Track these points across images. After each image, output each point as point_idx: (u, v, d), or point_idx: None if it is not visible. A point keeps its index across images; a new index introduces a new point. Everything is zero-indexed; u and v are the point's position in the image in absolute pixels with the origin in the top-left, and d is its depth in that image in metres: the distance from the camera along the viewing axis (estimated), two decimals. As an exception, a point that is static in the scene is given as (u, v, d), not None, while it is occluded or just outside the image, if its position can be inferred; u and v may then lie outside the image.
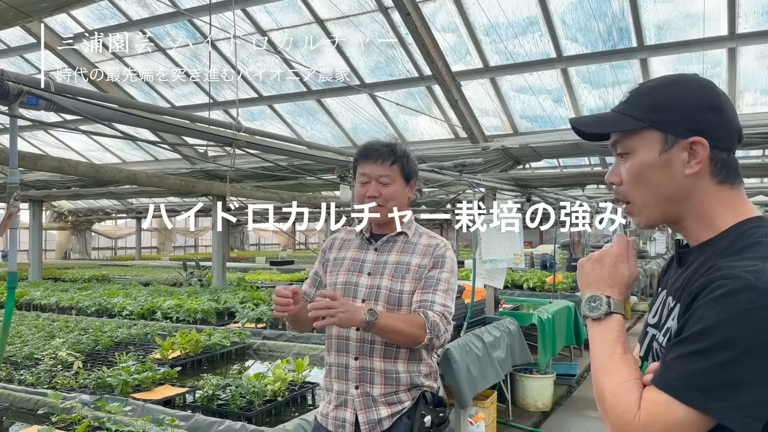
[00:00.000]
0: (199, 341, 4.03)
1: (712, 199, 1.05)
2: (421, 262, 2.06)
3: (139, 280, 9.87)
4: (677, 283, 1.09)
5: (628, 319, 11.01)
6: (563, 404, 5.96)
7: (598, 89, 6.43)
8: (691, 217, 1.08)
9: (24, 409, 2.87)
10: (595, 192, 11.01)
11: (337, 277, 2.10)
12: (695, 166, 1.03)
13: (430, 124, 7.52)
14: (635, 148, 1.08)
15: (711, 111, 1.03)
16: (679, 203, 1.07)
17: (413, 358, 2.04)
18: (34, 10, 3.64)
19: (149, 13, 6.82)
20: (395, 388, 2.00)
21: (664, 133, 1.05)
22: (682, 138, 1.03)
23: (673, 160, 1.04)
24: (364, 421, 1.98)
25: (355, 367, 2.01)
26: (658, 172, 1.06)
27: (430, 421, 1.97)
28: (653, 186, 1.07)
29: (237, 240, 24.27)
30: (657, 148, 1.05)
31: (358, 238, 2.17)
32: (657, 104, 1.06)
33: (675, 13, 5.40)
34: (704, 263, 1.01)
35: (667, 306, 1.10)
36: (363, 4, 5.97)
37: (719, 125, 1.03)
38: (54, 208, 16.45)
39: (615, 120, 1.10)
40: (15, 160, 1.98)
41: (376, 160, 2.06)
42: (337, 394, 2.04)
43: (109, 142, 9.67)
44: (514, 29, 5.85)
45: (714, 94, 1.05)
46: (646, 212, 1.11)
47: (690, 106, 1.04)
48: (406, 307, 2.02)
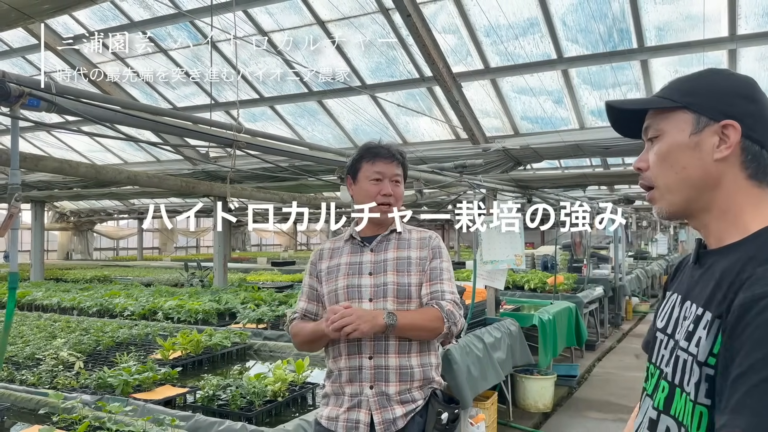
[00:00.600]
0: (200, 342, 4.04)
1: (738, 193, 1.01)
2: (420, 255, 2.09)
3: (140, 281, 9.89)
4: (697, 288, 1.03)
5: (630, 321, 11.00)
6: (564, 405, 5.95)
7: (599, 90, 6.44)
8: (714, 212, 1.04)
9: (25, 409, 2.89)
10: (597, 193, 11.01)
11: (337, 282, 2.08)
12: (725, 150, 1.00)
13: (431, 125, 7.53)
14: (666, 129, 1.06)
15: (746, 99, 1.02)
16: (703, 190, 1.03)
17: (424, 350, 2.06)
18: (37, 11, 3.65)
19: (151, 15, 6.84)
20: (409, 385, 2.01)
21: (697, 115, 1.03)
22: (714, 121, 1.01)
23: (703, 142, 1.02)
24: (379, 420, 1.96)
25: (370, 366, 2.00)
26: (686, 154, 1.03)
27: (447, 418, 1.98)
28: (680, 167, 1.04)
29: (238, 241, 24.32)
30: (688, 129, 1.03)
31: (348, 244, 2.16)
32: (693, 88, 1.06)
33: (675, 14, 5.41)
34: (731, 269, 0.95)
35: (684, 310, 1.04)
36: (364, 5, 5.98)
37: (753, 114, 1.01)
38: (56, 208, 16.48)
39: (650, 100, 1.11)
40: (16, 161, 1.99)
41: (391, 159, 2.09)
42: (350, 397, 2.02)
43: (110, 143, 9.70)
44: (515, 30, 5.85)
45: (751, 86, 1.04)
46: (669, 197, 1.07)
47: (726, 91, 1.03)
48: (416, 300, 2.03)
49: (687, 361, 0.98)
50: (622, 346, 8.91)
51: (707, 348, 0.93)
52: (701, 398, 0.93)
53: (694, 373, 0.95)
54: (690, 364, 0.97)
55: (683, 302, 1.06)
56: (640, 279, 12.05)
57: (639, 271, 12.18)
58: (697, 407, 0.94)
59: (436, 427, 1.97)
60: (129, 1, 6.72)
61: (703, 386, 0.93)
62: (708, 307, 0.96)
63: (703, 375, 0.93)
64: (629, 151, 5.91)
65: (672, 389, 1.01)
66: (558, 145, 6.33)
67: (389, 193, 2.08)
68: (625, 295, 10.68)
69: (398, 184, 2.12)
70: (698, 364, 0.94)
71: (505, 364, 4.88)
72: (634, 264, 13.17)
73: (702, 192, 1.03)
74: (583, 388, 6.53)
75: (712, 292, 0.97)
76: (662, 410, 1.03)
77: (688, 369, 0.97)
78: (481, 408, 4.62)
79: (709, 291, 0.98)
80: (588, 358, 7.74)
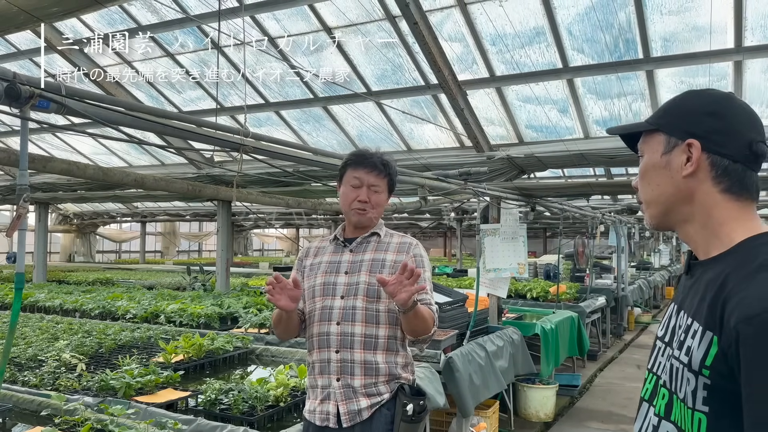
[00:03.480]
0: (202, 345, 4.04)
1: (715, 207, 1.06)
2: (396, 258, 2.20)
3: (143, 284, 9.89)
4: (688, 298, 1.08)
5: (632, 331, 10.96)
6: (565, 415, 5.93)
7: (604, 100, 6.44)
8: (694, 224, 1.09)
9: (27, 411, 2.89)
10: (600, 203, 11.01)
11: (316, 279, 2.23)
12: (689, 167, 1.06)
13: (436, 132, 7.53)
14: (645, 150, 1.15)
15: (712, 116, 1.07)
16: (678, 205, 1.10)
17: (391, 349, 2.17)
18: (45, 14, 3.67)
19: (158, 19, 6.88)
20: (375, 379, 2.12)
21: (668, 136, 1.11)
22: (681, 140, 1.08)
23: (672, 161, 1.09)
24: (344, 411, 2.09)
25: (337, 359, 2.12)
26: (659, 172, 1.11)
27: (412, 409, 2.09)
28: (655, 185, 1.13)
29: (240, 245, 24.34)
30: (660, 149, 1.11)
31: (332, 244, 2.31)
32: (667, 110, 1.15)
33: (681, 25, 5.41)
34: (714, 281, 1.00)
35: (679, 319, 1.09)
36: (370, 12, 6.01)
37: (719, 131, 1.06)
38: (59, 210, 16.53)
39: (631, 125, 1.21)
40: (25, 162, 2.00)
41: (372, 168, 2.22)
42: (321, 389, 2.15)
43: (115, 146, 9.73)
44: (521, 39, 5.87)
45: (720, 102, 1.09)
46: (649, 211, 1.16)
47: (694, 110, 1.10)
48: (384, 300, 2.13)
49: (679, 369, 1.02)
50: (624, 356, 8.88)
51: (699, 358, 0.97)
52: (699, 405, 0.98)
53: (688, 381, 1.00)
54: (681, 372, 1.01)
55: (678, 312, 1.11)
56: (643, 289, 12.02)
57: (641, 281, 12.15)
58: (696, 414, 0.98)
59: (403, 419, 2.09)
60: (137, 5, 6.76)
61: (700, 394, 0.97)
62: (696, 317, 1.01)
63: (699, 383, 0.98)
64: (634, 161, 5.87)
65: (671, 396, 1.06)
66: (562, 154, 6.33)
67: (365, 200, 2.20)
68: (628, 306, 10.65)
69: (376, 193, 2.23)
70: (693, 373, 0.99)
71: (507, 372, 4.87)
72: (637, 274, 13.14)
73: (677, 206, 1.10)
74: (585, 398, 6.51)
75: (699, 304, 1.02)
76: (663, 416, 1.08)
77: (680, 377, 1.02)
78: (483, 417, 4.61)
79: (696, 302, 1.03)
80: (590, 368, 7.71)
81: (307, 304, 2.24)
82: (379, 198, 2.24)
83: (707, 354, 0.96)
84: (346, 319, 2.13)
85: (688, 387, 0.99)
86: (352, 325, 2.13)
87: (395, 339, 2.18)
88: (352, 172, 2.23)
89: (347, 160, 2.28)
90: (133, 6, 6.73)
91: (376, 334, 2.14)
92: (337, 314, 2.15)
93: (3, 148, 7.56)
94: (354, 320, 2.13)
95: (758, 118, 1.11)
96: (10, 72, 2.07)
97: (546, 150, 6.55)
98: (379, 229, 2.29)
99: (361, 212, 2.21)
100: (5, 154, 4.12)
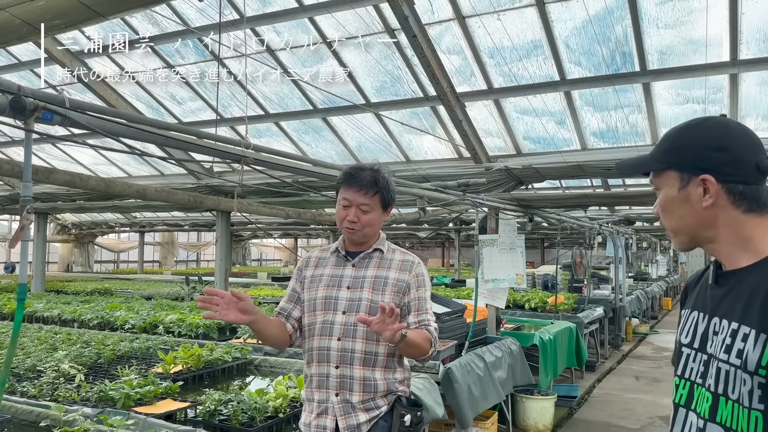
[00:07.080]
0: (201, 356, 4.04)
1: (740, 227, 1.17)
2: (399, 276, 2.22)
3: (141, 294, 9.87)
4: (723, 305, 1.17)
5: (630, 342, 10.96)
6: (564, 426, 5.92)
7: (601, 112, 6.49)
8: (721, 243, 1.20)
9: (26, 422, 2.88)
10: (598, 213, 11.04)
11: (317, 292, 2.22)
12: (709, 199, 1.17)
13: (434, 143, 7.58)
14: (661, 185, 1.27)
15: (717, 151, 1.18)
16: (703, 230, 1.21)
17: (390, 366, 2.19)
18: (48, 26, 3.71)
19: (159, 31, 6.93)
20: (372, 395, 2.14)
21: (680, 173, 1.22)
22: (694, 175, 1.19)
23: (690, 195, 1.20)
24: (344, 426, 2.10)
25: (336, 375, 2.13)
26: (680, 206, 1.22)
27: (410, 420, 2.12)
28: (678, 217, 1.24)
29: (239, 255, 24.29)
30: (676, 185, 1.22)
31: (334, 256, 2.30)
32: (672, 148, 1.25)
33: (678, 38, 5.47)
34: (759, 287, 1.09)
35: (713, 326, 1.18)
36: (370, 25, 6.06)
37: (727, 163, 1.17)
38: (58, 220, 16.52)
39: (644, 163, 1.31)
40: (29, 174, 2.01)
41: (359, 189, 2.19)
42: (318, 403, 2.15)
43: (115, 156, 9.75)
44: (519, 52, 5.92)
45: (722, 135, 1.20)
46: (677, 238, 1.28)
47: (700, 146, 1.21)
48: None
49: (730, 371, 1.11)
50: (622, 367, 8.87)
51: (755, 359, 1.06)
52: (755, 404, 1.06)
53: (743, 382, 1.08)
54: (734, 374, 1.10)
55: (710, 319, 1.20)
56: (641, 300, 12.02)
57: (639, 292, 12.15)
58: (753, 413, 1.06)
59: (401, 429, 2.12)
60: (138, 17, 6.81)
61: (756, 393, 1.06)
62: (745, 321, 1.10)
63: (755, 383, 1.06)
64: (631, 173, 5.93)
65: (716, 398, 1.13)
66: (560, 165, 6.37)
67: (354, 220, 2.19)
68: (626, 316, 10.66)
69: (365, 213, 2.20)
70: (749, 374, 1.07)
71: (506, 383, 4.87)
72: (635, 285, 13.15)
73: (701, 232, 1.22)
74: (583, 409, 6.50)
75: (746, 309, 1.11)
76: (708, 419, 1.15)
77: (731, 378, 1.10)
78: (482, 428, 4.60)
79: (741, 307, 1.12)
80: (588, 379, 7.71)
81: (307, 317, 2.23)
82: (369, 217, 2.20)
83: (763, 354, 1.04)
84: (347, 335, 2.14)
85: (744, 387, 1.07)
86: (353, 341, 2.13)
87: (393, 356, 2.19)
88: (343, 192, 2.22)
89: (339, 179, 2.28)
90: (135, 18, 6.79)
91: (376, 351, 2.15)
92: (339, 330, 2.15)
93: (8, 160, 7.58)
94: (355, 336, 2.14)
95: (757, 139, 1.20)
96: (15, 85, 2.09)
97: (544, 161, 6.59)
98: (381, 244, 2.29)
99: (351, 231, 2.21)
100: (10, 165, 4.15)
